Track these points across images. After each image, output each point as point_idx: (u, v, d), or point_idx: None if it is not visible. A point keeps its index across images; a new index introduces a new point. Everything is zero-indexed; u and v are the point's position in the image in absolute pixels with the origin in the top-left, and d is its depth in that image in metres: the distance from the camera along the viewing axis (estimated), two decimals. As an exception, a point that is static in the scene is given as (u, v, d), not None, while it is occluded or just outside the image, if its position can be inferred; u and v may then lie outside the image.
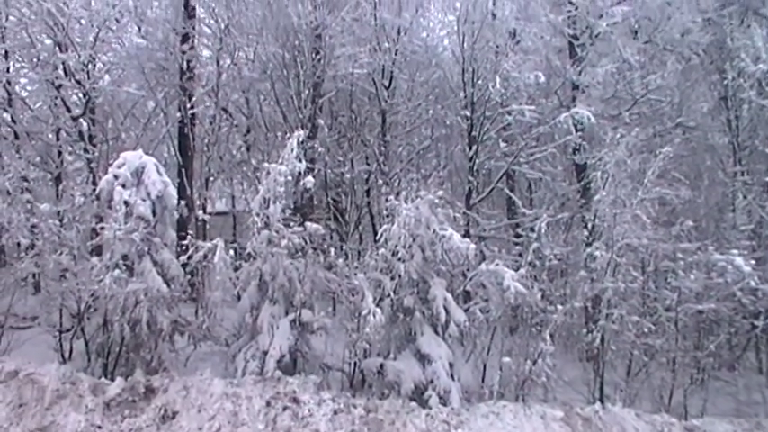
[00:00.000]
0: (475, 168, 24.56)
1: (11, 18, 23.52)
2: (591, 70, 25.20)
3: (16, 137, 23.74)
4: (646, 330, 19.20)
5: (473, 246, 17.67)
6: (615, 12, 25.28)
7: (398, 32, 24.92)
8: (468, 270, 18.68)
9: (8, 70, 23.85)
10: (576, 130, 23.67)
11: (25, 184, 21.18)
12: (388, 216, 18.66)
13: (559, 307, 18.69)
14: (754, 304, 19.73)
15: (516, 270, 18.02)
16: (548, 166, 25.69)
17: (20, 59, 24.76)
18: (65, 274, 18.63)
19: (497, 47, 25.03)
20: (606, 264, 19.47)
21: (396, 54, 24.71)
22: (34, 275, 20.77)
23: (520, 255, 21.09)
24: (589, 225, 21.26)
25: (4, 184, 19.44)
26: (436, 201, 17.93)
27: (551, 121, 23.92)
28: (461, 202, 24.19)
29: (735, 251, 19.78)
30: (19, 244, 19.12)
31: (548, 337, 18.06)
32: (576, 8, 25.66)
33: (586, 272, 19.65)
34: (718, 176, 25.74)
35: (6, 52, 23.71)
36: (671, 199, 21.80)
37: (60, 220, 19.14)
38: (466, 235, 21.35)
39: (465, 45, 24.53)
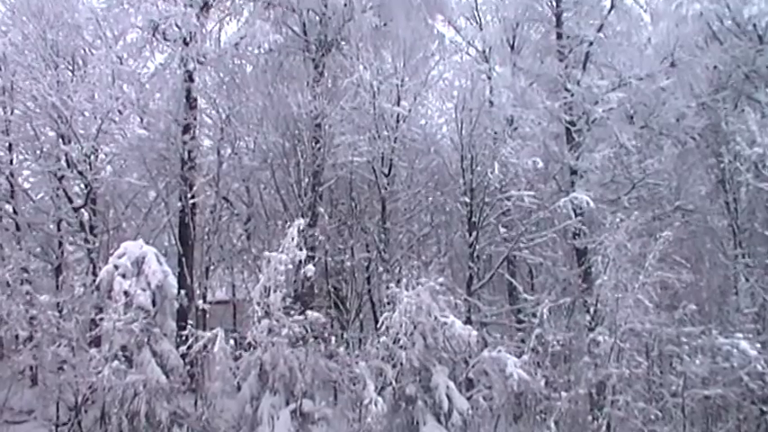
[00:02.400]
0: (475, 254, 24.55)
1: (16, 111, 23.87)
2: (588, 155, 25.44)
3: (17, 228, 23.84)
4: (652, 417, 18.92)
5: (475, 332, 17.59)
6: (611, 98, 25.66)
7: (397, 120, 25.17)
8: (470, 357, 18.55)
9: (11, 162, 24.11)
10: (576, 215, 23.78)
11: (25, 275, 21.14)
12: (389, 303, 18.60)
13: (563, 394, 18.48)
14: (762, 389, 19.42)
15: (519, 356, 17.89)
16: (548, 251, 25.68)
17: (23, 151, 25.04)
18: (63, 366, 18.50)
19: (495, 133, 25.32)
20: (610, 349, 19.31)
21: (395, 142, 24.92)
22: (31, 368, 20.57)
23: (522, 341, 20.95)
24: (591, 310, 21.17)
25: (4, 276, 19.42)
26: (437, 287, 17.90)
27: (551, 206, 24.01)
28: (462, 288, 24.06)
29: (739, 335, 19.63)
30: (17, 336, 19.02)
31: (552, 425, 17.82)
32: (572, 95, 26.06)
33: (590, 357, 19.47)
34: (719, 259, 25.69)
35: (10, 145, 24.02)
36: (673, 282, 21.66)
37: (60, 312, 19.10)
38: (467, 321, 21.19)
39: (463, 132, 24.79)
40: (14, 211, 24.04)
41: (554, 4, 27.90)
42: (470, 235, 24.60)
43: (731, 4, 27.64)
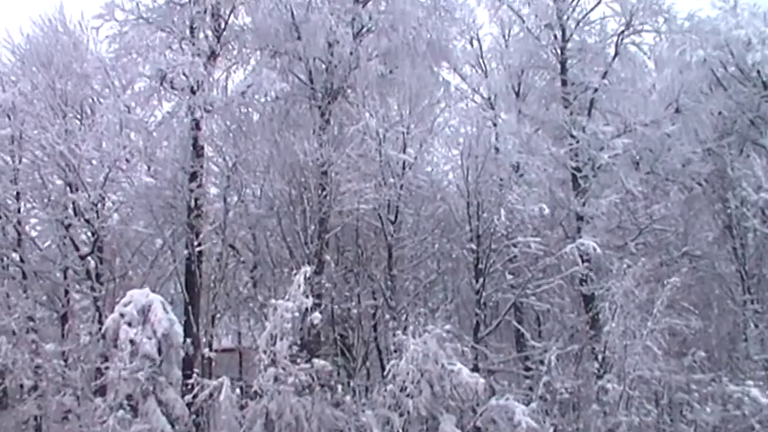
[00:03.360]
0: (482, 301, 24.45)
1: (24, 160, 24.03)
2: (595, 201, 25.45)
3: (24, 276, 23.85)
4: (663, 466, 18.71)
5: (482, 380, 17.48)
6: (616, 144, 25.76)
7: (403, 167, 25.21)
8: (477, 405, 18.40)
9: (19, 211, 24.23)
10: (583, 261, 23.71)
11: (31, 323, 21.14)
12: (395, 351, 18.54)
13: (573, 442, 18.29)
14: (774, 438, 19.24)
15: (527, 404, 17.77)
16: (555, 298, 25.57)
17: (31, 200, 25.16)
18: (68, 416, 18.43)
19: (501, 180, 25.36)
20: (619, 397, 19.16)
21: (401, 189, 24.94)
22: (36, 418, 20.46)
23: (530, 388, 20.81)
24: (599, 357, 21.02)
25: (10, 325, 19.41)
26: (444, 335, 17.84)
27: (557, 253, 23.98)
28: (469, 335, 23.94)
29: (750, 382, 19.48)
30: (22, 385, 18.94)
31: (562, 474, 17.61)
32: (578, 141, 26.16)
33: (599, 405, 19.31)
34: (727, 305, 25.57)
35: (18, 193, 24.13)
36: (681, 329, 21.59)
37: (65, 360, 19.05)
38: (475, 369, 21.04)
39: (469, 179, 24.85)
40: (21, 260, 24.10)
41: (558, 51, 28.12)
42: (477, 282, 24.52)
43: (735, 50, 27.93)
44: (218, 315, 26.96)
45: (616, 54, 27.87)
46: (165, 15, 25.43)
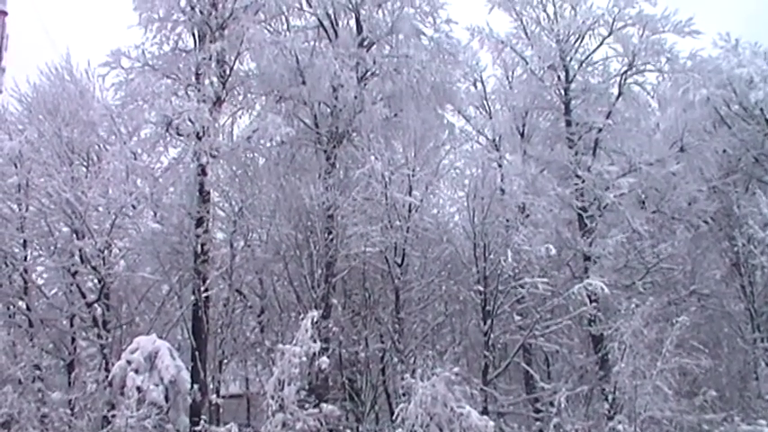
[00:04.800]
0: (490, 343, 24.34)
1: (30, 208, 24.09)
2: (601, 241, 25.45)
3: (30, 324, 23.80)
4: None
5: (492, 423, 17.32)
6: (621, 183, 25.82)
7: (409, 210, 25.24)
8: (488, 449, 18.16)
9: (26, 259, 24.23)
10: (591, 301, 23.64)
11: (37, 372, 21.03)
12: (404, 395, 18.41)
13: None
14: (786, 477, 19.02)
15: (538, 447, 17.55)
16: (564, 339, 25.45)
17: (37, 248, 25.16)
18: (75, 465, 18.23)
19: (507, 221, 25.39)
20: (630, 438, 18.96)
21: (407, 231, 24.94)
22: (44, 468, 20.28)
23: (540, 431, 20.60)
24: (609, 398, 20.87)
25: (16, 374, 19.32)
26: (452, 377, 17.71)
27: (565, 293, 23.92)
28: (478, 377, 23.79)
29: (762, 421, 19.36)
30: (28, 435, 18.80)
31: None
32: (583, 181, 26.22)
33: (610, 447, 19.10)
34: (737, 344, 25.44)
35: (24, 241, 24.15)
36: (691, 368, 21.40)
37: (72, 409, 18.94)
38: (484, 412, 20.88)
39: (475, 220, 24.89)
40: (28, 308, 24.06)
41: (562, 92, 28.33)
42: (485, 323, 24.44)
43: (737, 89, 28.10)
44: (225, 361, 26.80)
45: (620, 94, 28.07)
46: (171, 62, 25.69)
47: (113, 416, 17.78)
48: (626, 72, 28.09)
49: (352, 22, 28.44)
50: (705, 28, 28.15)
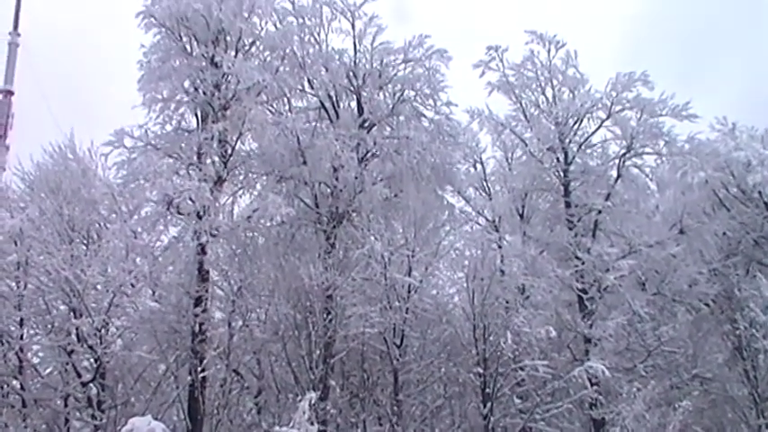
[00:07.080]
0: (490, 426, 24.01)
1: (29, 286, 23.94)
2: (602, 323, 25.33)
3: (24, 405, 23.44)
4: None
5: None
6: (622, 265, 25.79)
7: (409, 291, 25.18)
8: None
9: (22, 337, 23.98)
10: (592, 384, 23.43)
11: (30, 454, 20.66)
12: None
13: None
14: None
15: None
16: (564, 422, 25.15)
17: (34, 326, 24.93)
18: None
19: (507, 302, 25.30)
20: None
21: (407, 312, 24.83)
22: None
23: None
24: (613, 484, 20.47)
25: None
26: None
27: (565, 376, 23.74)
28: (478, 461, 23.44)
29: None
30: None
31: None
32: (583, 263, 26.21)
33: None
34: (741, 430, 25.05)
35: (21, 320, 23.95)
36: (695, 455, 21.12)
37: (63, 493, 18.50)
38: (485, 498, 20.50)
39: (475, 301, 24.81)
40: (22, 387, 23.73)
41: (561, 174, 28.52)
42: (485, 406, 24.15)
43: (735, 171, 28.29)
44: (221, 442, 26.43)
45: (618, 176, 28.26)
46: (173, 142, 25.92)
47: (105, 500, 17.43)
48: (624, 154, 28.33)
49: (354, 104, 28.83)
50: (702, 111, 28.52)
